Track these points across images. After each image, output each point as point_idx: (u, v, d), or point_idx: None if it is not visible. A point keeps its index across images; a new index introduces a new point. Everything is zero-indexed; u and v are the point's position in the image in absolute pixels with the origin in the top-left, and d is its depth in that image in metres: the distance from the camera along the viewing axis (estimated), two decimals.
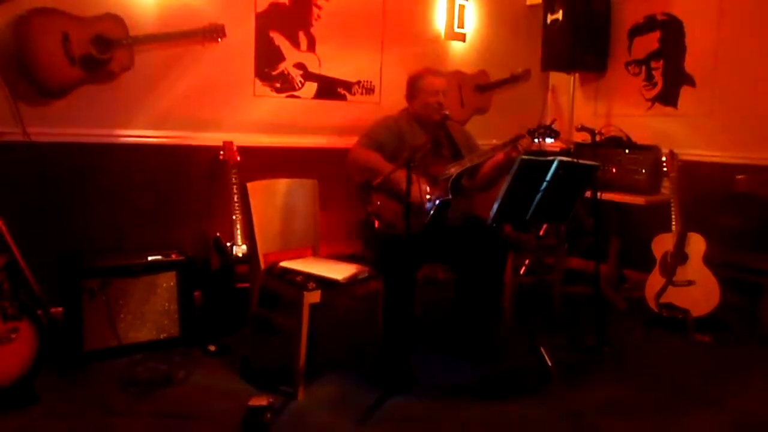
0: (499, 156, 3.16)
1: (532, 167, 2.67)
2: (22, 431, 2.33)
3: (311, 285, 2.70)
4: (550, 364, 2.85)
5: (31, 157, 3.17)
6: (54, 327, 2.94)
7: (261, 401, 2.47)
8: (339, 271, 2.82)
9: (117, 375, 2.82)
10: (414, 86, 3.34)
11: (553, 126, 3.26)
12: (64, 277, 2.99)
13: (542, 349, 2.90)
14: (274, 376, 2.86)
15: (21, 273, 2.83)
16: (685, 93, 4.40)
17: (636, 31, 4.68)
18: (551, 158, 2.68)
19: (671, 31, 4.46)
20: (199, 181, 3.71)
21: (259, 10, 3.80)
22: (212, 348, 3.13)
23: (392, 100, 4.17)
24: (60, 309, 3.07)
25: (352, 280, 2.82)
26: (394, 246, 2.96)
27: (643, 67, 4.65)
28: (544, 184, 2.69)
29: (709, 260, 3.61)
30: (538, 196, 2.73)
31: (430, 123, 3.26)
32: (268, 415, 2.45)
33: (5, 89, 3.10)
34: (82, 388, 2.70)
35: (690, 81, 4.37)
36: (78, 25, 3.17)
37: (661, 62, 4.54)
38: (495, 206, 2.66)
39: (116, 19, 3.27)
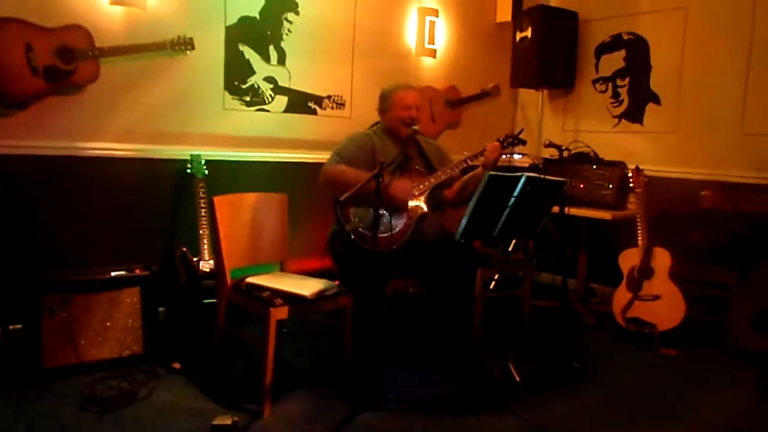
0: (478, 172, 3.19)
1: (500, 183, 2.68)
2: None
3: (278, 301, 2.67)
4: (518, 378, 2.86)
5: None
6: (12, 344, 2.87)
7: (225, 420, 2.43)
8: (307, 287, 2.79)
9: (77, 393, 2.74)
10: (386, 100, 3.35)
11: (520, 135, 3.32)
12: (23, 293, 2.90)
13: (510, 364, 2.90)
14: (240, 394, 2.82)
15: None
16: (651, 110, 4.49)
17: (603, 49, 4.77)
18: (519, 174, 2.70)
19: (636, 49, 4.55)
20: (166, 195, 3.65)
21: (229, 23, 3.78)
22: (177, 365, 3.07)
23: (363, 114, 4.20)
24: (19, 325, 2.99)
25: (320, 296, 2.79)
26: (364, 261, 2.94)
27: (610, 85, 4.73)
28: (512, 199, 2.71)
29: (674, 275, 3.66)
30: (506, 211, 2.74)
31: (399, 137, 3.27)
32: None
33: None
34: (40, 407, 2.61)
35: (655, 98, 4.46)
36: (42, 36, 3.11)
37: (627, 80, 4.62)
38: (463, 222, 2.67)
39: (82, 30, 3.22)
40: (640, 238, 3.78)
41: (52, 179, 3.30)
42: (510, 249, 4.03)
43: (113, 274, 3.08)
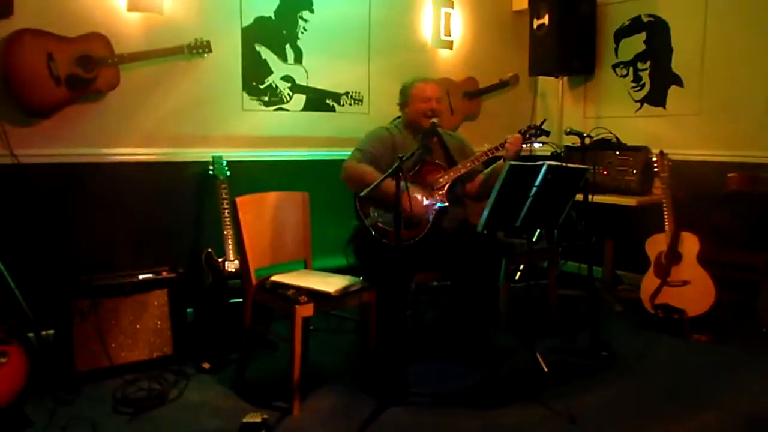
0: (499, 164, 3.17)
1: (521, 173, 2.66)
2: None
3: (303, 299, 2.68)
4: (545, 369, 2.84)
5: (19, 179, 3.16)
6: (45, 349, 2.93)
7: (255, 418, 2.45)
8: (331, 284, 2.80)
9: (109, 396, 2.79)
10: (406, 93, 3.35)
11: (543, 126, 3.28)
12: (54, 299, 2.96)
13: (537, 354, 2.89)
14: (269, 392, 2.84)
15: (11, 295, 2.82)
16: (673, 93, 4.41)
17: (622, 33, 4.70)
18: (540, 163, 2.68)
19: (657, 32, 4.48)
20: (190, 197, 3.70)
21: (245, 24, 3.80)
22: (206, 365, 3.11)
23: (381, 110, 4.20)
24: (51, 330, 3.05)
25: (345, 292, 2.80)
26: (387, 256, 2.95)
27: (631, 69, 4.66)
28: (534, 189, 2.68)
29: (703, 259, 3.60)
30: (528, 201, 2.71)
31: (421, 131, 3.26)
32: None
33: None
34: (74, 410, 2.66)
35: (678, 81, 4.38)
36: (63, 46, 3.17)
37: (648, 63, 4.55)
38: (485, 213, 2.65)
39: (101, 38, 3.27)
40: (666, 223, 3.72)
41: (77, 186, 3.36)
42: (534, 239, 4.00)
43: (141, 277, 3.13)
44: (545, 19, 4.56)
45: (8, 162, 3.13)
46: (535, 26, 4.67)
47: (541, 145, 3.22)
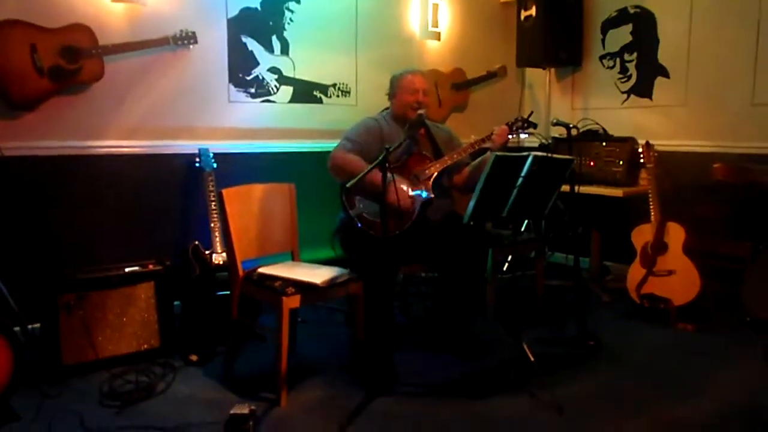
0: (486, 156, 3.18)
1: (506, 163, 2.66)
2: None
3: (290, 290, 2.68)
4: (532, 359, 2.85)
5: (3, 173, 3.13)
6: (32, 343, 2.91)
7: (243, 409, 2.44)
8: (318, 275, 2.80)
9: (96, 389, 2.78)
10: (395, 84, 3.36)
11: (530, 118, 3.29)
12: (39, 293, 2.94)
13: (524, 344, 2.90)
14: (256, 384, 2.84)
15: None
16: (660, 84, 4.43)
17: (609, 24, 4.71)
18: (525, 154, 2.68)
19: (643, 23, 4.49)
20: (176, 189, 3.68)
21: (231, 15, 3.77)
22: (194, 358, 3.10)
23: (369, 101, 4.19)
24: (37, 324, 3.03)
25: (332, 283, 2.81)
26: (373, 247, 2.95)
27: (618, 60, 4.67)
28: (520, 179, 2.69)
29: (688, 249, 3.63)
30: (515, 192, 2.72)
31: (408, 121, 3.26)
32: (251, 423, 2.42)
33: None
34: (61, 403, 2.65)
35: (664, 72, 4.40)
36: (46, 36, 3.13)
37: (635, 54, 4.57)
38: (471, 204, 2.65)
39: (85, 29, 3.24)
40: (652, 213, 3.75)
41: (62, 179, 3.33)
42: (522, 229, 4.01)
43: (127, 270, 3.11)
44: (532, 11, 4.56)
45: None
46: (522, 17, 4.66)
47: (528, 136, 3.22)
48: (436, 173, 3.18)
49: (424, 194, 3.13)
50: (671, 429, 2.52)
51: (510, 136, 3.27)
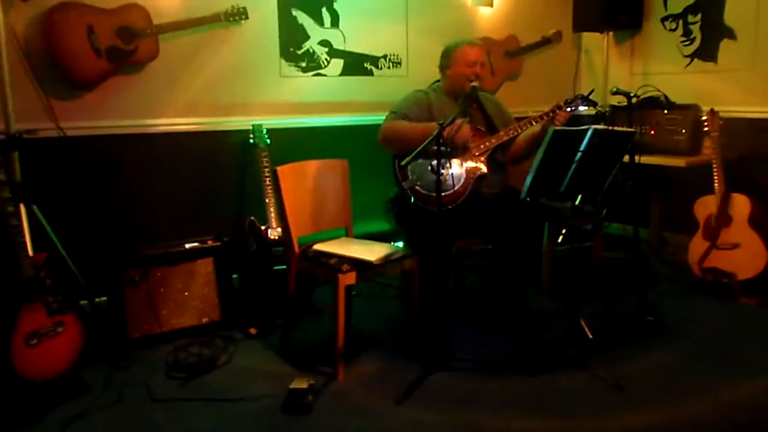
0: (536, 128, 3.10)
1: (565, 138, 2.59)
2: (76, 420, 2.40)
3: (345, 267, 2.70)
4: (590, 335, 2.81)
5: (66, 152, 3.24)
6: (99, 316, 3.03)
7: (302, 384, 2.50)
8: (373, 252, 2.81)
9: (161, 362, 2.89)
10: (449, 56, 3.28)
11: (590, 96, 3.16)
12: (105, 268, 3.05)
13: (582, 320, 2.86)
14: (314, 357, 2.90)
15: (65, 266, 2.91)
16: (726, 47, 4.21)
17: None
18: (585, 128, 2.60)
19: None
20: (231, 165, 3.74)
21: None
22: (253, 331, 3.18)
23: (420, 72, 4.13)
24: (104, 298, 3.15)
25: (386, 260, 2.81)
26: (428, 222, 2.94)
27: (680, 22, 4.46)
28: (579, 154, 2.62)
29: (754, 222, 3.49)
30: (573, 167, 2.65)
31: (461, 95, 3.20)
32: (310, 397, 2.48)
33: (37, 85, 3.15)
34: (129, 375, 2.77)
35: (730, 34, 4.17)
36: (102, 18, 3.19)
37: (699, 16, 4.34)
38: (528, 180, 2.60)
39: (139, 9, 3.28)
40: (716, 184, 3.61)
41: (121, 157, 3.42)
42: (578, 202, 3.92)
43: (187, 246, 3.19)
44: None
45: (55, 134, 3.20)
46: None
47: (586, 108, 3.11)
48: (490, 149, 3.13)
49: (480, 168, 3.09)
50: (734, 409, 2.46)
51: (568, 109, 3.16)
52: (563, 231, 4.35)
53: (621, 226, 4.54)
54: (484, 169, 3.10)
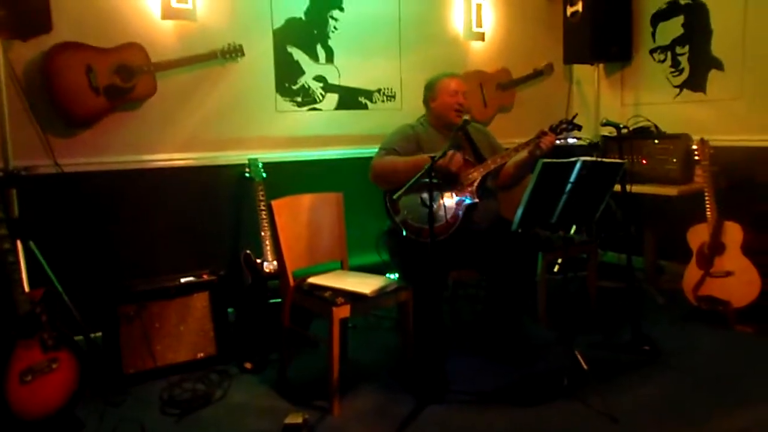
0: (523, 154, 3.14)
1: (554, 170, 2.63)
2: None
3: (340, 300, 2.72)
4: (585, 366, 2.81)
5: (63, 188, 3.27)
6: (94, 352, 3.03)
7: (296, 419, 2.50)
8: (367, 285, 2.82)
9: (156, 397, 2.88)
10: (432, 89, 3.37)
11: (574, 120, 3.23)
12: (101, 304, 3.06)
13: (577, 352, 2.86)
14: (309, 391, 2.89)
15: (60, 301, 2.92)
16: (714, 77, 4.28)
17: (659, 16, 4.58)
18: (574, 159, 2.64)
19: (695, 14, 4.35)
20: (228, 199, 3.77)
21: (276, 26, 3.84)
22: (248, 365, 3.17)
23: (413, 105, 4.18)
24: (99, 333, 3.15)
25: (381, 293, 2.83)
26: (421, 253, 2.96)
27: (669, 53, 4.54)
28: (569, 186, 2.65)
29: (747, 249, 3.51)
30: (563, 198, 2.68)
31: (449, 126, 3.25)
32: None
33: (35, 123, 3.20)
34: (123, 411, 2.76)
35: (718, 65, 4.25)
36: (101, 57, 3.25)
37: (687, 47, 4.43)
38: (519, 212, 2.63)
39: (137, 48, 3.35)
40: (708, 212, 3.63)
41: (119, 192, 3.46)
42: (572, 231, 3.95)
43: (183, 280, 3.20)
44: (579, 6, 4.49)
45: (52, 171, 3.24)
46: (568, 13, 4.59)
47: (576, 140, 3.16)
48: (479, 178, 3.16)
49: (468, 200, 3.12)
50: None
51: (557, 141, 3.21)
52: (558, 260, 4.37)
53: (616, 255, 4.56)
54: (475, 198, 3.13)
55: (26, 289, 2.58)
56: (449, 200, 3.12)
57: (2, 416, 2.41)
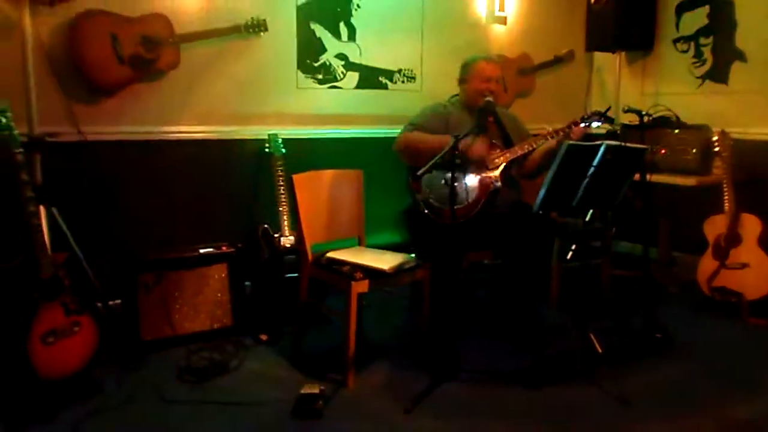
0: (552, 143, 3.14)
1: (578, 153, 2.63)
2: (87, 419, 2.43)
3: (359, 275, 2.74)
4: (599, 349, 2.83)
5: (86, 156, 3.29)
6: (113, 319, 3.07)
7: (313, 389, 2.54)
8: (385, 261, 2.85)
9: (173, 364, 2.92)
10: (466, 71, 3.36)
11: (607, 113, 3.20)
12: (120, 272, 3.09)
13: (591, 334, 2.88)
14: (324, 364, 2.92)
15: (81, 268, 2.95)
16: (737, 69, 4.25)
17: (684, 6, 4.54)
18: (598, 143, 2.64)
19: (721, 5, 4.30)
20: (247, 173, 3.78)
21: (300, 2, 3.83)
22: (264, 337, 3.21)
23: (433, 87, 4.19)
24: (118, 301, 3.19)
25: (399, 269, 2.85)
26: (440, 234, 2.97)
27: (692, 44, 4.50)
28: (592, 169, 2.65)
29: (763, 242, 3.51)
30: (585, 181, 2.69)
31: (477, 109, 3.24)
32: (320, 403, 2.51)
33: (60, 90, 3.21)
34: (141, 377, 2.80)
35: (741, 57, 4.22)
36: (126, 26, 3.26)
37: (711, 38, 4.39)
38: (541, 193, 2.64)
39: (162, 19, 3.35)
40: (726, 204, 3.63)
41: (140, 162, 3.47)
42: (588, 218, 3.95)
43: (202, 251, 3.24)
44: None
45: (75, 139, 3.26)
46: (592, 0, 4.55)
47: (599, 124, 3.15)
48: (505, 163, 3.17)
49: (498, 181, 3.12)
50: (739, 427, 2.47)
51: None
52: (573, 248, 4.37)
53: (630, 245, 4.56)
54: (499, 183, 3.14)
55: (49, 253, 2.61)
56: (473, 183, 3.13)
57: (25, 375, 2.46)
